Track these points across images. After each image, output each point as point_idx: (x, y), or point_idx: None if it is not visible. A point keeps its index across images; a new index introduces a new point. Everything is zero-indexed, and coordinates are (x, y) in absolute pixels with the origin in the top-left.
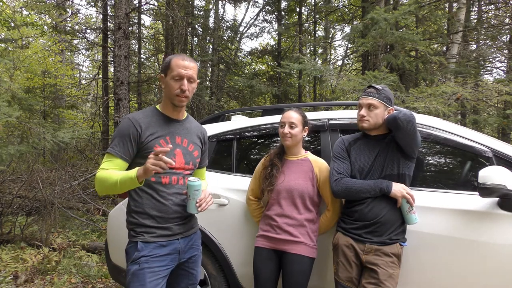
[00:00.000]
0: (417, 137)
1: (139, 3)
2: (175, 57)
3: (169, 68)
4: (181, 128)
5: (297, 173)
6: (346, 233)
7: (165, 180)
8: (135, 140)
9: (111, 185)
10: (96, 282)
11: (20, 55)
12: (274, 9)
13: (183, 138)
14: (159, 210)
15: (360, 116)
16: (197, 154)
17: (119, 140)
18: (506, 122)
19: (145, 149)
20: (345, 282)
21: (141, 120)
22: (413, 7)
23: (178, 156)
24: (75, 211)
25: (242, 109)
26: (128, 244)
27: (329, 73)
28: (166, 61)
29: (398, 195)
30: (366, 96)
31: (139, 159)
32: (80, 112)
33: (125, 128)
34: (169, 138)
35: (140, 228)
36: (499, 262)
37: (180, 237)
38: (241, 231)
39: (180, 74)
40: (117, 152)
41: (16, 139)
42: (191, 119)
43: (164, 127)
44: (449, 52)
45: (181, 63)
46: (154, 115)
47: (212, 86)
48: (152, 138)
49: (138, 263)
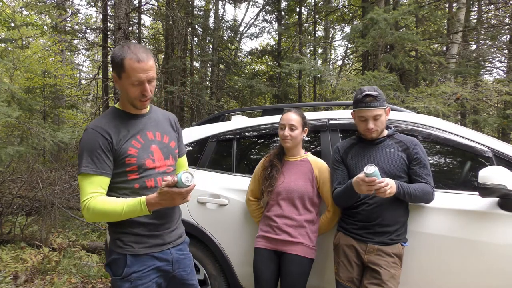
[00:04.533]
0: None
1: (139, 3)
2: (128, 57)
3: (123, 70)
4: (148, 122)
5: (296, 174)
6: (348, 233)
7: (150, 183)
8: (108, 150)
9: (112, 218)
10: (96, 282)
11: (20, 55)
12: (274, 9)
13: (155, 132)
14: (148, 216)
15: (368, 129)
16: (174, 144)
17: (90, 155)
18: (506, 122)
19: (120, 155)
20: (345, 282)
21: (106, 126)
22: (413, 7)
23: (156, 153)
24: (75, 211)
25: (242, 109)
26: (111, 254)
27: (329, 73)
28: (117, 61)
29: (355, 187)
30: (369, 108)
31: (117, 169)
32: (80, 112)
33: (92, 141)
34: (139, 136)
35: (128, 237)
36: (500, 262)
37: (170, 246)
38: (241, 231)
39: (140, 80)
40: (94, 170)
41: (16, 139)
42: (156, 109)
43: (131, 126)
44: (449, 52)
45: (138, 66)
46: (117, 116)
47: (212, 86)
48: (124, 142)
49: (130, 281)
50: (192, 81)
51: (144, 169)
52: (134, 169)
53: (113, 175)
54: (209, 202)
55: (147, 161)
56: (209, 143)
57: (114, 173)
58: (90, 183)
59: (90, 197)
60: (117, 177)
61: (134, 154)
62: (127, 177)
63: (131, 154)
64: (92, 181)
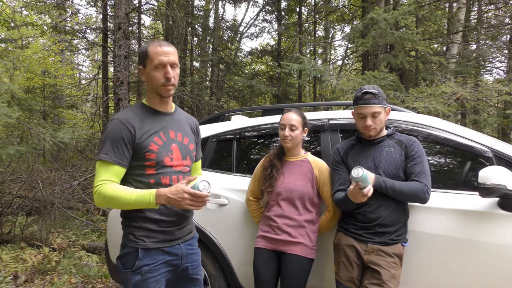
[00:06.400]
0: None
1: (139, 3)
2: (151, 45)
3: (147, 57)
4: (172, 122)
5: (296, 174)
6: (348, 233)
7: (165, 180)
8: (130, 143)
9: (120, 204)
10: (96, 282)
11: (20, 55)
12: (274, 9)
13: (177, 132)
14: (160, 213)
15: (366, 126)
16: (193, 147)
17: (112, 144)
18: (506, 122)
19: (141, 149)
20: (346, 282)
21: (132, 120)
22: (413, 7)
23: (175, 152)
24: (75, 211)
25: (242, 109)
26: (124, 248)
27: (329, 73)
28: (142, 51)
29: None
30: (367, 104)
31: (136, 162)
32: (80, 112)
33: (117, 131)
34: (162, 133)
35: (140, 232)
36: (499, 262)
37: (180, 241)
38: (241, 231)
39: (162, 62)
40: (112, 158)
41: (16, 139)
42: (180, 111)
43: (156, 123)
44: (449, 52)
45: (160, 50)
46: (143, 111)
47: (212, 86)
48: (146, 137)
49: (141, 273)
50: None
51: (162, 165)
52: (152, 164)
53: (132, 167)
54: (209, 202)
55: (166, 159)
56: (209, 143)
57: (132, 165)
58: (106, 170)
59: (103, 183)
60: (135, 169)
61: (155, 150)
62: (144, 171)
63: (152, 150)
64: (108, 169)
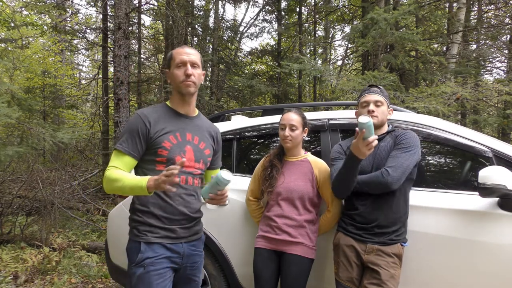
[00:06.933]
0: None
1: (139, 3)
2: (176, 48)
3: (171, 59)
4: (191, 125)
5: (296, 175)
6: (347, 233)
7: None
8: (143, 136)
9: (119, 188)
10: (96, 282)
11: (20, 55)
12: (274, 9)
13: (194, 135)
14: (164, 210)
15: (369, 111)
16: (209, 152)
17: (128, 136)
18: (506, 122)
19: (154, 145)
20: (345, 282)
21: (150, 115)
22: (413, 7)
23: (188, 153)
24: (75, 211)
25: (242, 109)
26: (129, 243)
27: (329, 73)
28: (169, 55)
29: (355, 151)
30: (372, 93)
31: (148, 156)
32: (80, 112)
33: (134, 124)
34: (179, 134)
35: (143, 227)
36: (499, 262)
37: (184, 241)
38: (241, 231)
39: (182, 60)
40: (125, 148)
41: (16, 139)
42: (203, 117)
43: (174, 123)
44: (449, 52)
45: (182, 50)
46: (164, 110)
47: (212, 86)
48: (161, 134)
49: (143, 266)
50: None
51: (172, 163)
52: (163, 161)
53: (144, 161)
54: None
55: (177, 157)
56: None
57: (144, 159)
58: (117, 159)
59: (111, 168)
60: (146, 163)
61: (167, 147)
62: (155, 166)
63: (164, 147)
64: (120, 158)
